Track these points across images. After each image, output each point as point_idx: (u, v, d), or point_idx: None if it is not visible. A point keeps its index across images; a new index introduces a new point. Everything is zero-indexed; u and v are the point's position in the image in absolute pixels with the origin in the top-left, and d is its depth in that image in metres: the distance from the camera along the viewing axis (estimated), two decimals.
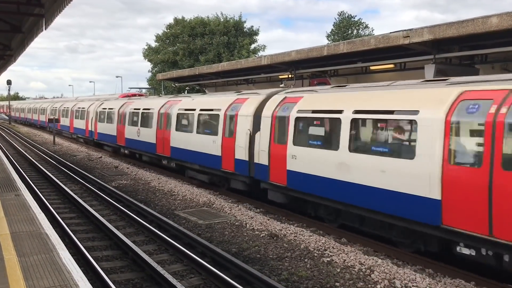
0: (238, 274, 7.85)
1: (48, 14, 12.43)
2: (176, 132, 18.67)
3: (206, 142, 16.20)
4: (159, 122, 20.31)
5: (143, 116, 22.32)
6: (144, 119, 22.14)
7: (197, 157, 16.72)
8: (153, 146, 20.61)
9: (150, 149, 21.01)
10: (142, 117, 22.42)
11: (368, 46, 15.53)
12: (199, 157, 16.61)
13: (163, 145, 19.65)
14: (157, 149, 20.25)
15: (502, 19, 11.49)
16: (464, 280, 7.77)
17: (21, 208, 9.64)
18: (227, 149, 14.89)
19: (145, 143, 21.51)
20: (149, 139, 21.11)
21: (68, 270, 6.05)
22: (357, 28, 62.42)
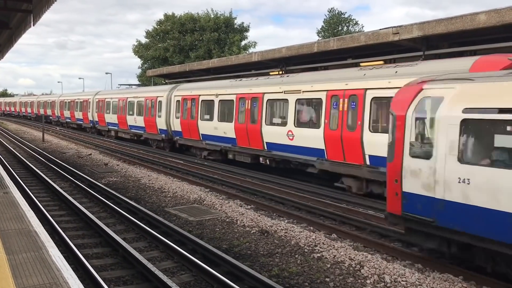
0: (228, 270, 7.86)
1: (36, 10, 12.33)
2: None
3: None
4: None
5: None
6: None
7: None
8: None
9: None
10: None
11: (358, 42, 15.63)
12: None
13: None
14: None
15: (490, 16, 11.60)
16: (452, 275, 7.85)
17: (10, 206, 9.57)
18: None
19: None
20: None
21: (58, 267, 6.01)
22: (347, 24, 62.65)
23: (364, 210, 12.26)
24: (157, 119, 26.59)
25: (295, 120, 16.22)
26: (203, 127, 21.89)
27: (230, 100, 19.83)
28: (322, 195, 14.20)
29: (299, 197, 13.99)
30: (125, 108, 31.59)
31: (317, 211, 12.57)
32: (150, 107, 27.55)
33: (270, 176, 17.42)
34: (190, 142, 23.47)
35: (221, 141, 20.57)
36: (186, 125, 23.34)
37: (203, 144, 21.98)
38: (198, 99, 22.33)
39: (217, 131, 20.67)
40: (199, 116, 22.19)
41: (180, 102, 24.14)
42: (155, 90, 28.48)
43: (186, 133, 23.59)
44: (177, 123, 24.31)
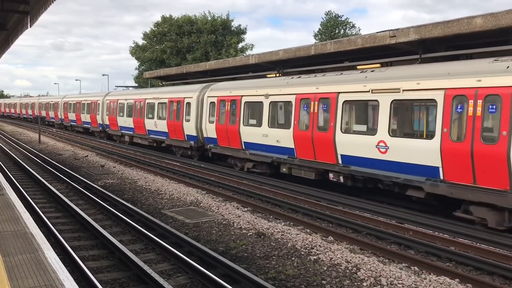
0: (225, 272, 7.85)
1: (33, 11, 12.30)
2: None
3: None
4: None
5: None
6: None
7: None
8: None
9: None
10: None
11: (355, 45, 15.66)
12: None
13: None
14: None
15: (486, 19, 11.65)
16: (449, 278, 7.87)
17: (6, 208, 9.53)
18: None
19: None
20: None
21: (54, 269, 5.99)
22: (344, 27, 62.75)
23: (361, 213, 12.27)
24: (185, 124, 23.03)
25: (389, 127, 12.53)
26: (246, 134, 18.42)
27: (287, 101, 16.49)
28: (318, 197, 14.20)
29: (296, 200, 14.00)
30: (143, 110, 27.90)
31: (313, 213, 12.58)
32: (175, 110, 23.97)
33: (266, 179, 17.41)
34: (228, 151, 19.87)
35: (272, 151, 17.09)
36: (224, 131, 19.79)
37: (246, 154, 18.53)
38: (240, 100, 18.81)
39: (266, 139, 17.28)
40: (242, 120, 18.68)
41: (215, 104, 20.50)
42: (181, 90, 24.63)
43: (223, 140, 19.99)
44: (211, 128, 20.64)
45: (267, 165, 17.96)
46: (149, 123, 27.18)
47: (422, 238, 10.12)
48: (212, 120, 20.74)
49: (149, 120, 27.17)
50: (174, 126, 24.16)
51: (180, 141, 23.93)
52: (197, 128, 22.15)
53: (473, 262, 8.79)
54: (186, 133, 23.10)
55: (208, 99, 21.19)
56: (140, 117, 28.28)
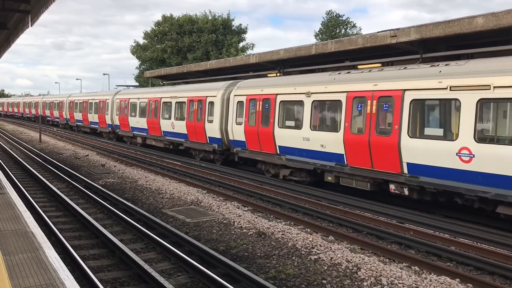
0: (225, 272, 7.85)
1: (34, 11, 12.32)
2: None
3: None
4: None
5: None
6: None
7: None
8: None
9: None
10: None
11: (356, 45, 15.65)
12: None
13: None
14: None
15: (487, 19, 11.64)
16: (449, 277, 7.87)
17: (6, 207, 9.54)
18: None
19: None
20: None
21: (54, 268, 6.00)
22: (345, 27, 62.72)
23: (361, 212, 12.27)
24: (207, 125, 21.14)
25: (474, 132, 10.63)
26: (282, 137, 16.52)
27: (335, 100, 14.45)
28: (319, 197, 14.21)
29: (296, 199, 14.00)
30: (158, 110, 26.00)
31: (314, 213, 12.58)
32: (195, 110, 22.11)
33: (267, 178, 17.42)
34: (259, 156, 17.96)
35: (315, 157, 15.08)
36: (254, 133, 17.91)
37: (282, 160, 16.68)
38: (275, 99, 16.91)
39: (308, 144, 15.28)
40: (276, 122, 16.79)
41: (243, 103, 18.63)
42: (203, 89, 22.51)
43: (253, 144, 18.13)
44: (239, 130, 18.83)
45: (307, 172, 16.02)
46: (165, 124, 25.27)
47: (422, 238, 10.13)
48: (240, 121, 18.90)
49: (165, 120, 25.27)
50: (194, 128, 22.27)
51: (201, 144, 22.06)
52: (222, 130, 20.31)
53: (474, 262, 8.79)
54: (209, 135, 21.25)
55: (235, 98, 19.27)
56: (155, 118, 26.33)
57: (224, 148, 20.68)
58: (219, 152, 21.11)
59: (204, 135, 21.57)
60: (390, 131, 12.51)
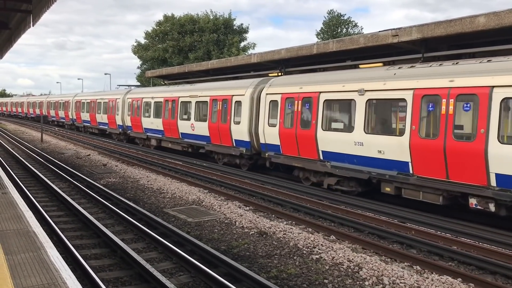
0: (227, 271, 7.85)
1: (36, 10, 12.33)
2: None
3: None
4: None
5: None
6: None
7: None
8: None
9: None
10: None
11: (357, 44, 15.63)
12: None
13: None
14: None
15: (489, 18, 11.62)
16: (451, 277, 7.86)
17: (8, 206, 9.55)
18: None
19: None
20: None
21: (56, 268, 6.00)
22: (347, 26, 62.73)
23: (363, 212, 12.26)
24: (233, 127, 19.32)
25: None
26: (327, 141, 14.63)
27: (397, 99, 12.67)
28: (320, 196, 14.20)
29: (298, 199, 13.99)
30: (175, 110, 24.13)
31: (315, 212, 12.58)
32: (219, 110, 20.32)
33: (268, 178, 17.41)
34: (297, 161, 16.08)
35: (370, 165, 13.20)
36: (291, 136, 16.08)
37: (326, 167, 14.73)
38: (318, 98, 15.01)
39: (361, 149, 13.31)
40: (320, 124, 14.88)
41: (278, 102, 16.88)
42: (228, 87, 20.61)
43: (290, 148, 16.30)
44: (272, 133, 17.02)
45: (357, 181, 14.11)
46: (183, 126, 23.33)
47: (424, 238, 10.12)
48: (274, 122, 17.05)
49: (183, 121, 23.37)
50: (218, 130, 20.36)
51: (226, 147, 20.09)
52: (251, 132, 18.43)
53: (476, 262, 8.78)
54: (235, 138, 19.33)
55: (267, 97, 17.45)
56: (172, 118, 24.40)
57: (253, 152, 18.78)
58: (246, 156, 19.26)
59: (230, 138, 19.66)
60: (474, 135, 10.65)
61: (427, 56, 14.08)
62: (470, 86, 10.84)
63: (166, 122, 25.26)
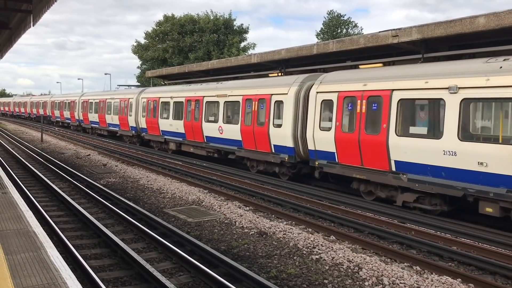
0: (227, 271, 7.86)
1: (36, 10, 12.33)
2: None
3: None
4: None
5: None
6: None
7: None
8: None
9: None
10: None
11: (358, 45, 15.62)
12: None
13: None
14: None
15: (489, 19, 11.62)
16: (451, 277, 7.86)
17: (8, 206, 9.55)
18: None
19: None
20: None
21: (56, 268, 6.01)
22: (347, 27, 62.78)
23: (363, 212, 12.27)
24: (272, 130, 17.09)
25: None
26: (403, 148, 12.22)
27: (508, 98, 10.29)
28: (320, 196, 14.20)
29: (298, 199, 14.00)
30: (199, 111, 21.99)
31: (315, 213, 12.58)
32: (254, 111, 18.07)
33: (268, 178, 17.41)
34: (359, 172, 13.65)
35: (466, 180, 10.91)
36: (351, 142, 13.66)
37: (400, 180, 12.40)
38: (390, 97, 12.67)
39: (453, 160, 11.04)
40: (392, 128, 12.50)
41: (334, 102, 14.44)
42: (266, 85, 18.23)
43: (349, 156, 13.86)
44: (326, 138, 14.57)
45: (442, 198, 11.85)
46: (209, 128, 21.19)
47: (424, 238, 10.13)
48: (327, 126, 14.70)
49: (209, 124, 21.24)
50: (253, 133, 18.14)
51: (263, 153, 17.85)
52: (296, 137, 16.25)
53: (476, 262, 8.79)
54: (274, 143, 17.11)
55: (318, 96, 15.12)
56: (196, 120, 22.26)
57: (297, 160, 16.50)
58: (289, 164, 16.89)
59: (268, 143, 17.39)
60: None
61: (427, 56, 14.09)
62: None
63: (188, 124, 23.01)
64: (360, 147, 13.42)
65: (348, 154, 13.90)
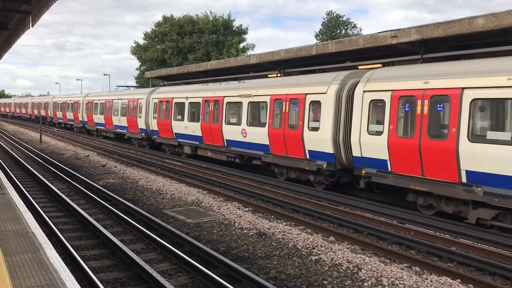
0: (226, 272, 7.85)
1: (35, 11, 12.31)
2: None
3: None
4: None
5: None
6: None
7: None
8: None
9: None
10: None
11: (357, 45, 15.62)
12: None
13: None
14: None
15: (488, 20, 11.63)
16: (450, 278, 7.86)
17: (7, 207, 9.54)
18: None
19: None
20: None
21: (55, 269, 6.00)
22: (346, 27, 62.83)
23: (362, 213, 12.27)
24: (307, 134, 15.37)
25: None
26: (479, 156, 10.49)
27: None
28: (319, 197, 14.20)
29: (297, 200, 13.99)
30: (219, 113, 20.22)
31: (314, 213, 12.58)
32: (285, 112, 16.52)
33: (267, 179, 17.41)
34: (419, 183, 11.87)
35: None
36: (411, 149, 11.92)
37: (473, 193, 10.71)
38: (460, 96, 10.95)
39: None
40: (465, 133, 10.80)
41: (386, 103, 12.70)
42: (299, 83, 16.44)
43: (406, 164, 12.13)
44: (375, 144, 12.92)
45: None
46: (231, 131, 19.53)
47: (423, 239, 10.12)
48: (377, 129, 13.00)
49: (231, 126, 19.59)
50: (283, 137, 16.43)
51: (295, 160, 16.12)
52: (336, 142, 14.53)
53: (475, 263, 8.79)
54: (309, 148, 15.39)
55: (365, 96, 13.36)
56: (215, 122, 20.50)
57: (337, 168, 14.76)
58: (327, 172, 15.07)
59: (301, 148, 15.67)
60: None
61: (426, 57, 14.10)
62: None
63: (205, 127, 21.24)
64: (421, 154, 11.68)
65: (404, 162, 12.14)
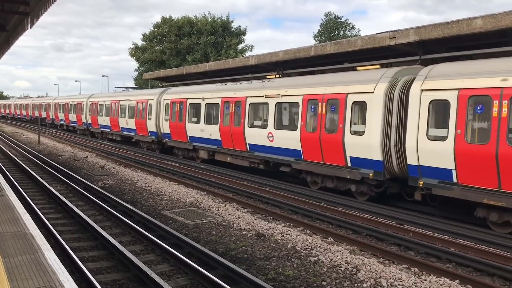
0: (225, 274, 7.84)
1: (34, 12, 12.29)
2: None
3: None
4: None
5: None
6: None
7: None
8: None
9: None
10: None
11: (355, 46, 15.66)
12: None
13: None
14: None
15: (486, 21, 11.66)
16: (449, 279, 7.87)
17: (5, 209, 9.52)
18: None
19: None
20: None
21: (54, 270, 5.99)
22: (344, 28, 62.91)
23: (361, 214, 12.27)
24: (348, 139, 13.92)
25: None
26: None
27: None
28: (318, 198, 14.20)
29: (296, 201, 13.99)
30: (241, 115, 18.89)
31: (313, 214, 12.57)
32: (322, 114, 14.83)
33: (266, 180, 17.40)
34: (494, 197, 10.38)
35: None
36: (484, 157, 10.47)
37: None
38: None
39: None
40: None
41: (451, 103, 11.13)
42: (338, 81, 14.68)
43: (477, 175, 10.69)
44: (437, 150, 11.41)
45: None
46: (255, 135, 18.01)
47: (422, 239, 10.12)
48: (440, 134, 11.40)
49: (255, 129, 18.10)
50: (319, 142, 14.86)
51: (333, 167, 14.54)
52: (386, 148, 12.92)
53: (473, 263, 8.79)
54: (351, 155, 13.82)
55: (423, 95, 11.71)
56: (236, 125, 19.07)
57: (386, 177, 13.17)
58: (374, 182, 13.49)
59: (342, 154, 14.09)
60: None
61: (424, 58, 14.13)
62: None
63: (225, 130, 19.77)
64: (498, 163, 10.13)
65: (476, 173, 10.63)
